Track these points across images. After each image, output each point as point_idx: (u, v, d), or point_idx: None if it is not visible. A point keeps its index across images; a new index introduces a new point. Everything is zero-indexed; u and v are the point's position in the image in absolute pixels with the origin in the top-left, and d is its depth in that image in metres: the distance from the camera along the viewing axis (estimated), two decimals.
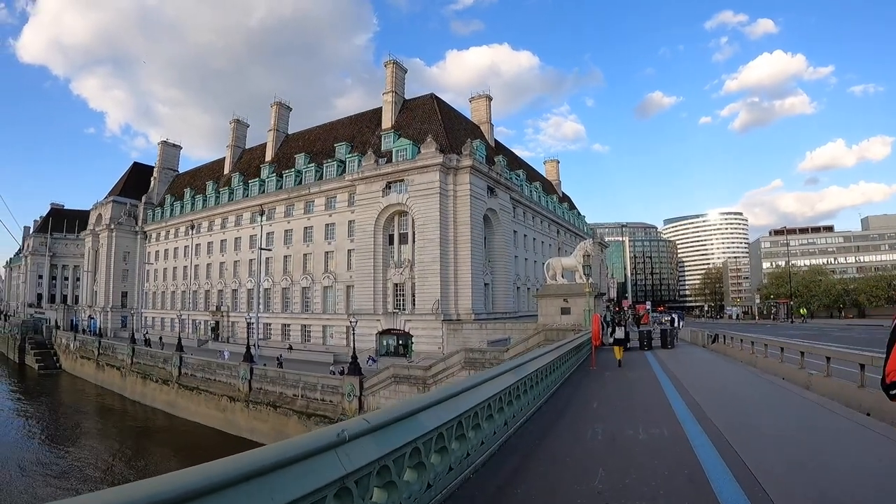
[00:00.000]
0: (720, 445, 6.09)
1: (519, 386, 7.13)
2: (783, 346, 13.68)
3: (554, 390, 10.31)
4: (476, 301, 40.47)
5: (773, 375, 12.93)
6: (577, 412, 8.60)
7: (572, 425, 7.60)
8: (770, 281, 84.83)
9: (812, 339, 23.67)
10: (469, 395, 5.27)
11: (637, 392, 10.93)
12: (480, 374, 5.98)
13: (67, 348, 66.38)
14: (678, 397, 9.87)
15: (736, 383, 12.69)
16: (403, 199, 41.42)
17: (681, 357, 19.14)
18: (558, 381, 10.85)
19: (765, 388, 11.46)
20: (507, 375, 6.59)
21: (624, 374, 13.75)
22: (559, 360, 10.95)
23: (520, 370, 7.35)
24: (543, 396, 9.03)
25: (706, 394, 10.38)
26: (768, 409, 9.15)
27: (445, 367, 24.25)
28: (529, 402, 7.80)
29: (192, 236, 67.78)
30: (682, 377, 12.81)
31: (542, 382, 9.11)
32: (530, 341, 23.22)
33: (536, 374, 8.45)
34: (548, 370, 9.71)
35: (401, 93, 51.40)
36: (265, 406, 33.59)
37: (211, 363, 39.91)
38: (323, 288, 48.76)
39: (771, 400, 10.19)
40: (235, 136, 72.60)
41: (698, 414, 8.15)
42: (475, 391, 5.34)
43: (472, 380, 5.51)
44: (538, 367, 8.68)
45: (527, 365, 7.90)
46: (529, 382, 7.91)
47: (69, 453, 31.24)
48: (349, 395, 27.65)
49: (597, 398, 10.09)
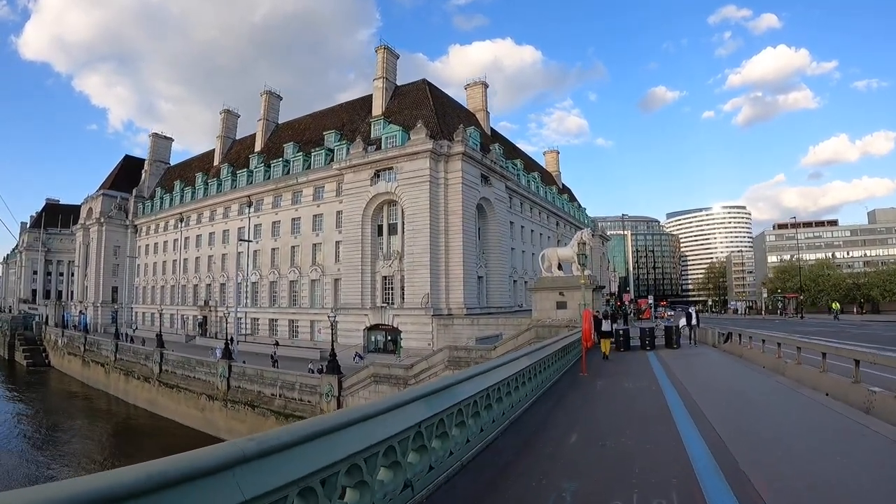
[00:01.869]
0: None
1: (445, 420, 4.74)
2: (824, 351, 10.25)
3: (526, 406, 7.92)
4: (468, 295, 38.50)
5: (812, 390, 9.76)
6: (543, 453, 5.89)
7: (525, 487, 4.73)
8: (776, 275, 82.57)
9: (835, 338, 21.25)
10: (361, 428, 3.35)
11: (635, 417, 7.97)
12: (391, 398, 4.01)
13: (56, 344, 65.49)
14: (694, 431, 6.73)
15: (770, 405, 9.12)
16: (392, 187, 39.39)
17: (690, 361, 16.19)
18: (533, 395, 8.46)
19: (814, 415, 8.06)
20: (418, 405, 4.27)
21: (620, 385, 10.98)
22: (534, 368, 8.44)
23: (447, 394, 4.91)
24: (503, 422, 6.69)
25: (734, 426, 7.12)
26: (830, 454, 5.78)
27: (428, 366, 22.33)
28: (472, 437, 5.47)
29: (182, 229, 66.05)
30: (697, 393, 9.69)
31: (502, 403, 6.72)
32: (520, 339, 21.25)
33: (486, 396, 6.02)
34: (514, 384, 7.38)
35: (392, 79, 49.25)
36: (243, 405, 31.88)
37: (190, 360, 38.21)
38: (311, 281, 46.89)
39: (826, 433, 6.90)
40: (226, 126, 70.72)
41: (728, 466, 5.14)
42: (366, 426, 3.39)
43: (367, 409, 3.55)
44: (491, 384, 6.22)
45: (463, 385, 5.37)
46: (472, 409, 5.54)
47: (43, 453, 29.59)
48: (327, 395, 25.82)
49: (578, 426, 7.30)
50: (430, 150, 37.49)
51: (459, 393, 5.20)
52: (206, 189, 63.20)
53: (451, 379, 5.32)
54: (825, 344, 11.28)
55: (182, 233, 65.87)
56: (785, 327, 33.67)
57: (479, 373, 6.08)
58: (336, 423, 3.18)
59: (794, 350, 11.88)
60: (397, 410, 3.89)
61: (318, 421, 3.16)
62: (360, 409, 3.58)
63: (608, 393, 10.12)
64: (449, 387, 5.00)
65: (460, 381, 5.35)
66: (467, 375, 5.70)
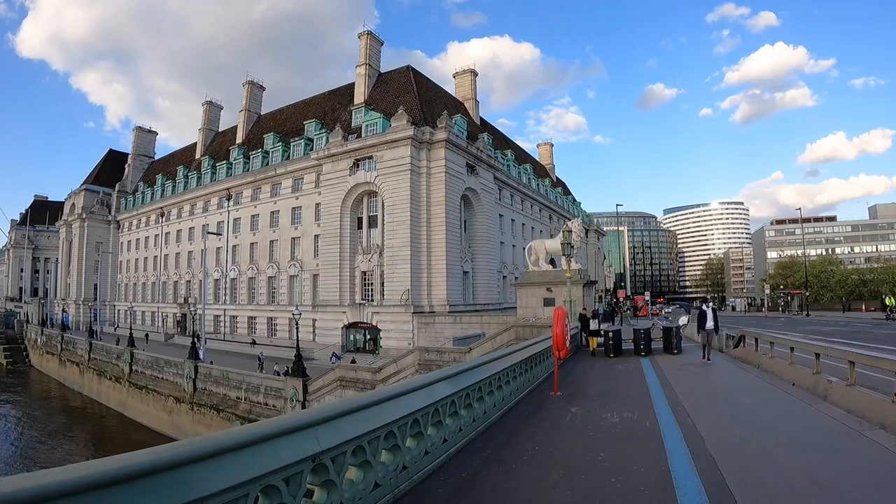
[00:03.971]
0: None
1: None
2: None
3: (453, 453, 4.97)
4: (452, 291, 36.33)
5: (881, 429, 6.21)
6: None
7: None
8: (776, 271, 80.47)
9: (855, 340, 18.67)
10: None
11: (615, 497, 4.45)
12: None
13: (35, 343, 63.95)
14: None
15: (839, 465, 5.30)
16: (372, 177, 37.14)
17: (696, 375, 12.26)
18: (469, 432, 5.39)
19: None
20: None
21: (600, 416, 7.35)
22: (469, 395, 5.36)
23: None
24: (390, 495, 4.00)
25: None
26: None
27: (397, 369, 20.20)
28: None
29: (162, 224, 63.85)
30: (715, 442, 5.95)
31: (397, 455, 4.18)
32: (497, 339, 19.11)
33: (361, 447, 3.72)
34: (426, 421, 4.57)
35: (376, 66, 47.00)
36: (209, 409, 29.83)
37: (159, 360, 36.17)
38: (289, 277, 44.70)
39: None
40: (208, 118, 68.32)
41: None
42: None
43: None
44: (378, 426, 3.87)
45: (338, 423, 3.43)
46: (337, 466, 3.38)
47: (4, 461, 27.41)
48: (292, 400, 23.73)
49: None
50: (412, 136, 35.25)
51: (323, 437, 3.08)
52: (187, 182, 60.95)
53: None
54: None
55: (163, 228, 63.70)
56: (795, 326, 31.20)
57: (362, 405, 3.87)
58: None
59: (834, 361, 8.56)
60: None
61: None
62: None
63: (580, 433, 6.50)
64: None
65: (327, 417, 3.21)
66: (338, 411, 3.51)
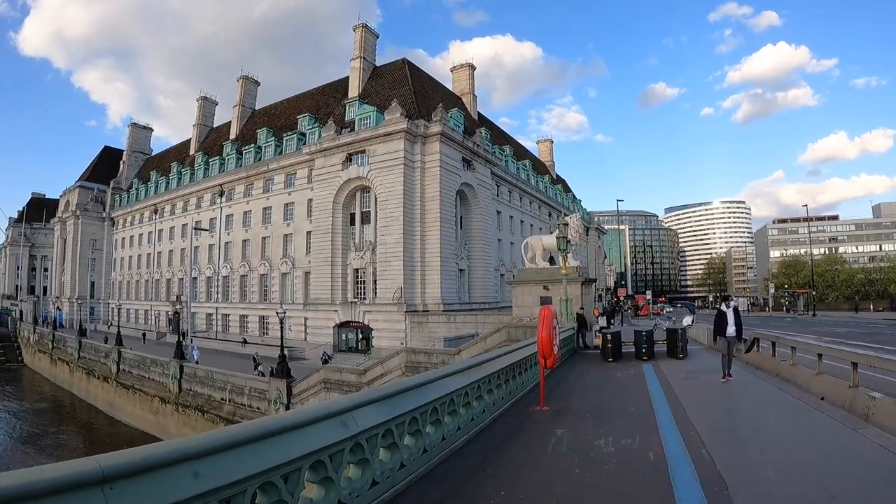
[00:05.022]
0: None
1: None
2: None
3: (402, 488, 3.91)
4: (447, 289, 35.24)
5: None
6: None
7: None
8: (780, 270, 79.16)
9: (878, 343, 17.29)
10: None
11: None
12: None
13: (28, 341, 63.44)
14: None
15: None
16: (364, 172, 36.05)
17: (706, 385, 10.32)
18: (416, 469, 4.14)
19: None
20: None
21: (591, 444, 5.69)
22: (419, 416, 4.07)
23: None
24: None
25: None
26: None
27: (383, 371, 19.14)
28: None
29: (156, 221, 62.90)
30: (743, 493, 4.26)
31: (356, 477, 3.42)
32: (489, 340, 17.99)
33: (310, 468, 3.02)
34: (375, 444, 3.57)
35: (371, 59, 45.88)
36: (194, 410, 28.87)
37: (145, 359, 35.25)
38: (281, 275, 43.65)
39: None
40: (202, 114, 67.40)
41: None
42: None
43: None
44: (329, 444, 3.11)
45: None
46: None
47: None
48: (276, 402, 22.72)
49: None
50: (405, 130, 34.14)
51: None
52: (180, 179, 60.00)
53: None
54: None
55: (156, 225, 62.76)
56: (804, 327, 29.89)
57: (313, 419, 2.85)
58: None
59: (865, 370, 7.36)
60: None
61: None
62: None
63: (564, 469, 4.88)
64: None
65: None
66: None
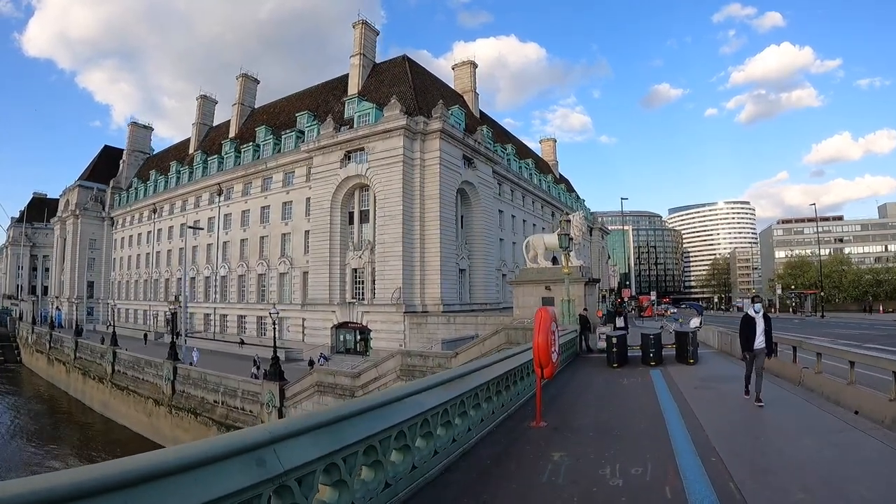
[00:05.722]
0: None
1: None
2: None
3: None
4: (447, 289, 34.47)
5: None
6: None
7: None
8: (786, 271, 78.09)
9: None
10: None
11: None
12: None
13: (26, 341, 63.14)
14: None
15: None
16: (363, 169, 35.33)
17: (723, 396, 9.25)
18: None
19: None
20: None
21: (594, 474, 4.76)
22: (378, 445, 3.18)
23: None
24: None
25: None
26: None
27: (377, 374, 18.39)
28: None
29: (155, 220, 62.40)
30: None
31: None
32: (487, 343, 17.16)
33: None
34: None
35: (371, 56, 45.19)
36: (187, 412, 28.23)
37: (140, 360, 34.65)
38: (279, 275, 42.98)
39: None
40: (202, 113, 66.91)
41: None
42: None
43: None
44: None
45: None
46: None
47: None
48: (268, 405, 22.01)
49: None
50: (404, 126, 33.40)
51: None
52: (179, 178, 59.45)
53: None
54: None
55: (155, 224, 62.26)
56: (814, 329, 28.76)
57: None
58: None
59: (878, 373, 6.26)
60: None
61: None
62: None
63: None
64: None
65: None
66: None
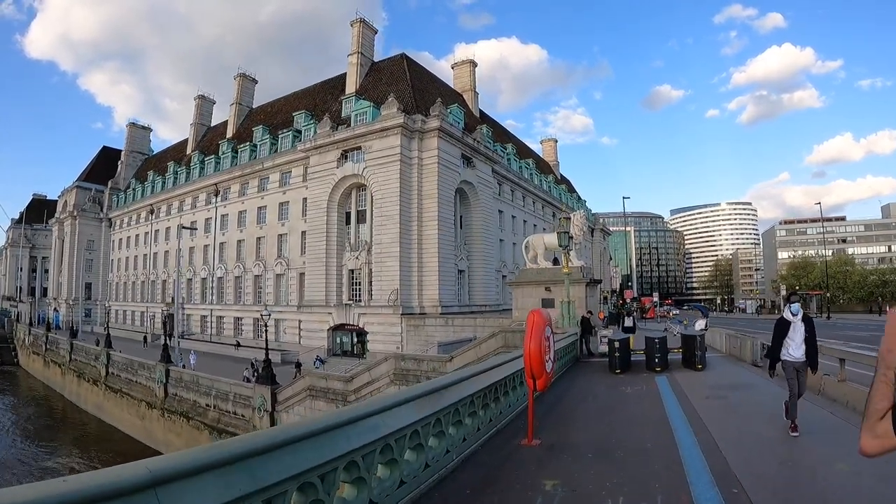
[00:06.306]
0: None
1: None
2: None
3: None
4: (445, 291, 33.82)
5: None
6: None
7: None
8: (789, 271, 77.26)
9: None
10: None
11: None
12: None
13: (24, 343, 62.73)
14: None
15: None
16: (360, 169, 34.73)
17: (739, 408, 8.43)
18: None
19: None
20: None
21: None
22: (325, 475, 2.65)
23: None
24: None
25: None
26: None
27: (371, 378, 17.74)
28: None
29: (152, 222, 61.93)
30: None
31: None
32: (483, 346, 16.48)
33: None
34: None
35: (369, 55, 44.66)
36: (179, 416, 27.65)
37: (133, 362, 34.10)
38: (276, 276, 42.39)
39: None
40: (200, 113, 66.34)
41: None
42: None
43: None
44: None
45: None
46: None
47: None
48: (259, 410, 21.40)
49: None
50: (402, 124, 32.80)
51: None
52: (176, 178, 58.97)
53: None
54: None
55: (152, 225, 61.79)
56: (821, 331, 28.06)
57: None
58: None
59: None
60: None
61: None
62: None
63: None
64: None
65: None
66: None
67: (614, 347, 12.77)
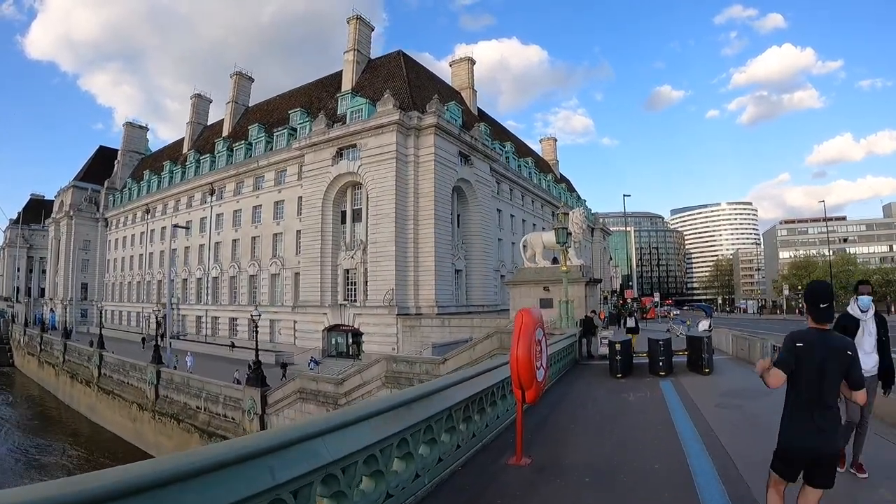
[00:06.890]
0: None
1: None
2: None
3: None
4: (442, 291, 33.21)
5: None
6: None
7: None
8: (790, 271, 76.63)
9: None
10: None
11: None
12: None
13: (19, 344, 62.31)
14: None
15: None
16: (355, 166, 34.14)
17: (756, 418, 7.54)
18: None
19: None
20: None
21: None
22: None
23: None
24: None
25: None
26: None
27: (362, 381, 17.16)
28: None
29: (148, 221, 61.35)
30: None
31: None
32: (478, 348, 15.89)
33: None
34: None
35: (365, 52, 44.09)
36: (169, 418, 27.11)
37: (125, 363, 33.56)
38: (271, 276, 41.79)
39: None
40: (196, 111, 65.75)
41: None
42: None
43: None
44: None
45: None
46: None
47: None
48: (249, 412, 20.82)
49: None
50: (398, 121, 32.21)
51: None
52: (172, 178, 58.42)
53: None
54: None
55: (148, 225, 61.21)
56: None
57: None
58: None
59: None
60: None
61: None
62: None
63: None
64: None
65: None
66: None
67: (615, 350, 12.02)
